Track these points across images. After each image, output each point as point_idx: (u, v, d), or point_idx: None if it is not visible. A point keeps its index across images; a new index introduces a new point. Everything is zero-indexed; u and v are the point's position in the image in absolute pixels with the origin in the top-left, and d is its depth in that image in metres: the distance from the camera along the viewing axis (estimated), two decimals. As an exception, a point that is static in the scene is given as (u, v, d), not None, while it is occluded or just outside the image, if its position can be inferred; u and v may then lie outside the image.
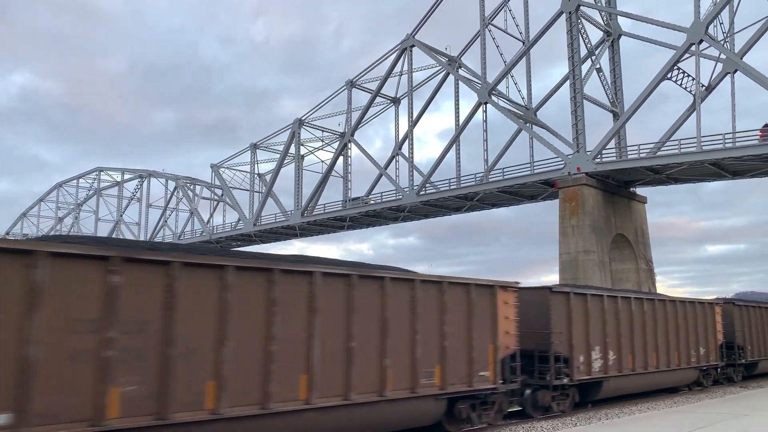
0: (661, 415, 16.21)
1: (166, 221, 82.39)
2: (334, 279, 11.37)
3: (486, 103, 50.66)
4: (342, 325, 11.40)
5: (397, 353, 12.22)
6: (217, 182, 76.11)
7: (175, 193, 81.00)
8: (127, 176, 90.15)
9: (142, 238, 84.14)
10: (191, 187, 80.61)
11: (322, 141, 68.02)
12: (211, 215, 77.44)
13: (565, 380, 16.98)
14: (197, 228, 78.16)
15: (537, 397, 16.53)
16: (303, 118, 66.67)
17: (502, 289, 14.78)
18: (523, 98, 52.96)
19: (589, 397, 18.39)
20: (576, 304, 17.61)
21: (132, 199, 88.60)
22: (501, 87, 51.91)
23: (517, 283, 15.26)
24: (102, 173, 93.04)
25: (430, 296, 13.12)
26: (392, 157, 58.17)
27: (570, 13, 45.66)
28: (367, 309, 11.84)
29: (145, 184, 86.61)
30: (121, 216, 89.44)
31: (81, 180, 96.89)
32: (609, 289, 25.21)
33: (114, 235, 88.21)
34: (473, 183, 50.76)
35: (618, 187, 45.44)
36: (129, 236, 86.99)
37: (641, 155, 42.13)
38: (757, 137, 37.40)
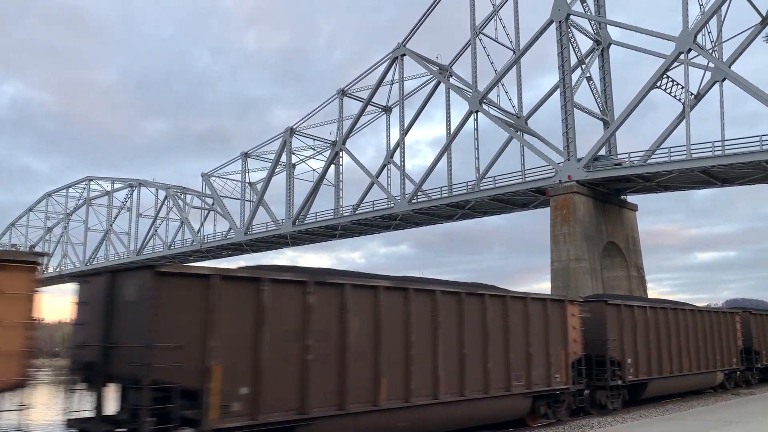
0: (654, 422, 16.16)
1: (156, 231, 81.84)
2: (450, 296, 14.13)
3: (477, 112, 50.76)
4: (456, 335, 14.08)
5: (496, 358, 14.94)
6: (208, 191, 75.77)
7: (165, 203, 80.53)
8: (117, 186, 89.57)
9: (132, 248, 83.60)
10: (182, 196, 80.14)
11: (314, 149, 67.89)
12: (202, 224, 77.03)
13: (619, 382, 19.58)
14: (188, 237, 77.70)
15: (595, 396, 19.17)
16: (294, 127, 66.55)
17: (570, 303, 17.96)
18: (514, 107, 53.14)
19: (636, 396, 20.93)
20: (626, 315, 20.30)
21: (122, 208, 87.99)
22: (492, 95, 52.08)
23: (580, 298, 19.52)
24: (92, 183, 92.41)
25: (518, 310, 15.86)
26: (384, 166, 58.12)
27: (560, 22, 45.90)
28: (473, 321, 14.53)
29: (135, 194, 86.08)
30: (111, 226, 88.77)
31: (70, 190, 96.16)
32: (648, 299, 28.37)
33: (103, 246, 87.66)
34: (465, 191, 50.77)
35: (609, 194, 45.56)
36: (119, 246, 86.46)
37: (632, 163, 42.29)
38: (748, 144, 37.60)
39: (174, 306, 9.59)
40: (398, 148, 56.94)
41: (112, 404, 10.42)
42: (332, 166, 63.25)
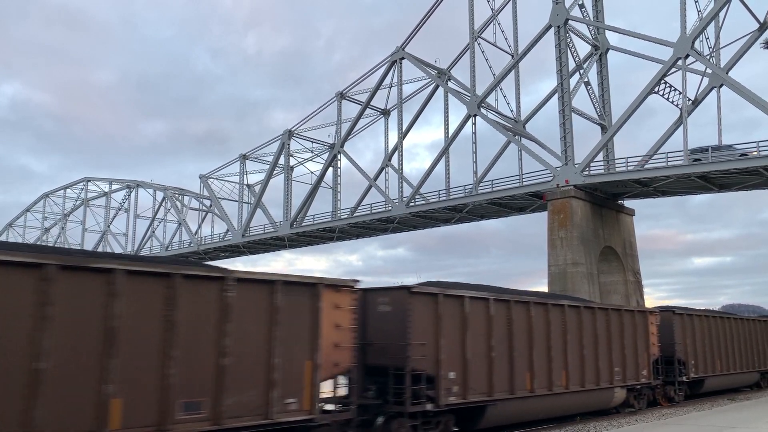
0: (650, 427, 16.21)
1: (153, 232, 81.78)
2: (572, 310, 18.00)
3: (475, 116, 50.84)
4: (577, 340, 18.08)
5: (603, 358, 18.98)
6: (206, 193, 75.73)
7: (163, 204, 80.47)
8: (114, 186, 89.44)
9: (129, 249, 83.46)
10: (179, 197, 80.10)
11: (312, 152, 67.93)
12: (200, 226, 76.99)
13: (684, 378, 23.47)
14: (185, 239, 77.64)
15: (666, 390, 23.10)
16: (293, 129, 66.59)
17: (650, 313, 22.10)
18: (512, 111, 53.27)
19: (694, 391, 24.82)
20: (688, 323, 24.15)
21: (120, 209, 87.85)
22: (490, 100, 52.20)
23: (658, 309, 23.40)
24: (89, 183, 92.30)
25: (616, 320, 19.83)
26: (382, 169, 58.14)
27: (558, 27, 46.03)
28: (588, 329, 18.50)
29: (132, 195, 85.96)
30: (109, 227, 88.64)
31: (68, 190, 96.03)
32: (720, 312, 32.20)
33: (101, 247, 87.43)
34: (462, 195, 50.82)
35: (606, 199, 45.65)
36: (116, 247, 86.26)
37: (629, 168, 42.40)
38: (743, 150, 37.70)
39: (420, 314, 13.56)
40: (396, 152, 57.00)
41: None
42: (330, 169, 63.29)
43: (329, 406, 11.80)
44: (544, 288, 42.25)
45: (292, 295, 10.56)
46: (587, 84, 50.28)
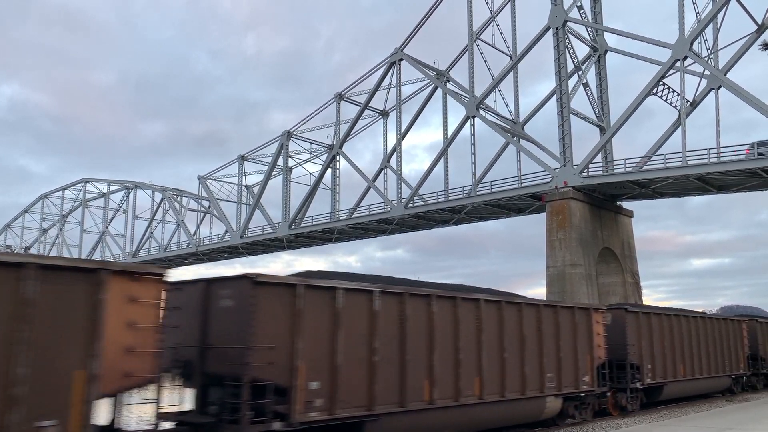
0: (648, 429, 16.21)
1: (152, 233, 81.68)
2: (491, 305, 15.68)
3: (474, 117, 50.87)
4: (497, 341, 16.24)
5: (531, 362, 16.78)
6: (204, 194, 75.69)
7: (161, 205, 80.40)
8: (113, 188, 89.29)
9: (127, 250, 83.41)
10: (178, 198, 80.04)
11: (311, 153, 67.92)
12: (198, 227, 76.95)
13: (638, 384, 20.96)
14: (184, 240, 77.58)
15: (616, 398, 20.78)
16: (292, 131, 66.58)
17: (595, 311, 19.68)
18: (510, 112, 53.31)
19: (652, 398, 22.92)
20: (645, 322, 21.97)
21: (118, 210, 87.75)
22: (489, 101, 52.22)
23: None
24: (88, 184, 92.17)
25: (549, 318, 17.43)
26: (380, 170, 58.15)
27: (557, 28, 46.09)
28: (512, 328, 16.05)
29: (131, 196, 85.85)
30: (107, 228, 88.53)
31: (66, 191, 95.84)
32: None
33: (98, 248, 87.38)
34: (461, 196, 50.83)
35: (605, 200, 45.69)
36: (114, 248, 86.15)
37: (627, 169, 42.45)
38: (744, 153, 37.78)
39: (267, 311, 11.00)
40: (395, 153, 57.02)
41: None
42: (329, 170, 63.28)
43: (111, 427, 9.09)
44: (542, 289, 42.31)
45: (55, 284, 8.03)
46: (586, 85, 50.36)
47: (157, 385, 9.17)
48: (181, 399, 11.53)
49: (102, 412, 8.57)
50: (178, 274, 58.10)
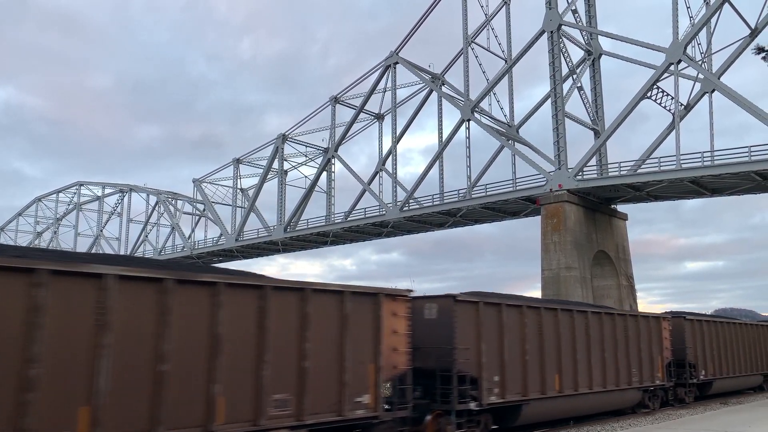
0: (644, 431, 16.24)
1: (146, 236, 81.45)
2: (595, 316, 19.27)
3: (469, 120, 50.97)
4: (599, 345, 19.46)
5: (621, 360, 20.21)
6: (199, 197, 75.53)
7: (156, 208, 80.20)
8: (107, 191, 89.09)
9: (122, 254, 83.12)
10: (173, 201, 79.86)
11: (306, 156, 67.94)
12: (193, 230, 76.79)
13: (694, 380, 24.39)
14: (178, 243, 77.41)
15: (677, 392, 23.98)
16: (287, 134, 66.57)
17: (664, 319, 23.04)
18: (505, 116, 53.41)
19: (703, 392, 25.83)
20: (698, 328, 25.17)
21: (113, 213, 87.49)
22: (484, 104, 52.32)
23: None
24: (82, 187, 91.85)
25: (633, 325, 21.02)
26: (376, 173, 58.20)
27: (551, 32, 46.24)
28: (609, 334, 19.73)
29: (125, 199, 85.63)
30: (101, 231, 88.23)
31: (61, 194, 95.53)
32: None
33: (93, 251, 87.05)
34: (456, 199, 50.88)
35: (599, 204, 45.81)
36: (108, 251, 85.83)
37: (622, 173, 42.57)
38: (737, 155, 37.94)
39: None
40: (390, 156, 57.06)
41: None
42: (324, 173, 63.31)
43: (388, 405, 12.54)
44: (537, 292, 42.39)
45: (358, 303, 11.67)
46: (580, 89, 50.49)
47: (408, 374, 12.52)
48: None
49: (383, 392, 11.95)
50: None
